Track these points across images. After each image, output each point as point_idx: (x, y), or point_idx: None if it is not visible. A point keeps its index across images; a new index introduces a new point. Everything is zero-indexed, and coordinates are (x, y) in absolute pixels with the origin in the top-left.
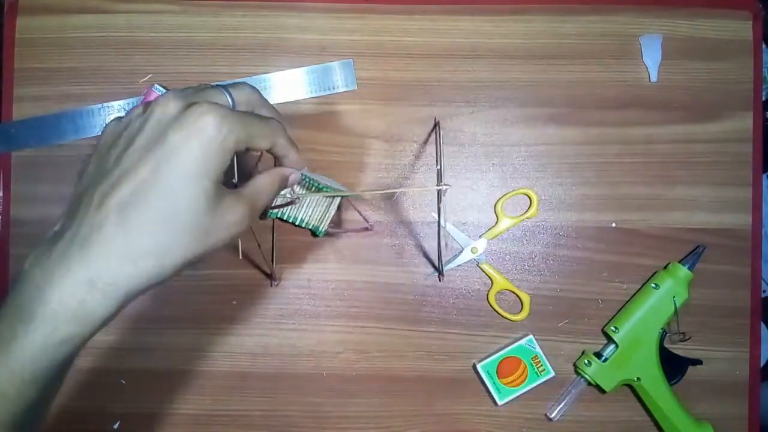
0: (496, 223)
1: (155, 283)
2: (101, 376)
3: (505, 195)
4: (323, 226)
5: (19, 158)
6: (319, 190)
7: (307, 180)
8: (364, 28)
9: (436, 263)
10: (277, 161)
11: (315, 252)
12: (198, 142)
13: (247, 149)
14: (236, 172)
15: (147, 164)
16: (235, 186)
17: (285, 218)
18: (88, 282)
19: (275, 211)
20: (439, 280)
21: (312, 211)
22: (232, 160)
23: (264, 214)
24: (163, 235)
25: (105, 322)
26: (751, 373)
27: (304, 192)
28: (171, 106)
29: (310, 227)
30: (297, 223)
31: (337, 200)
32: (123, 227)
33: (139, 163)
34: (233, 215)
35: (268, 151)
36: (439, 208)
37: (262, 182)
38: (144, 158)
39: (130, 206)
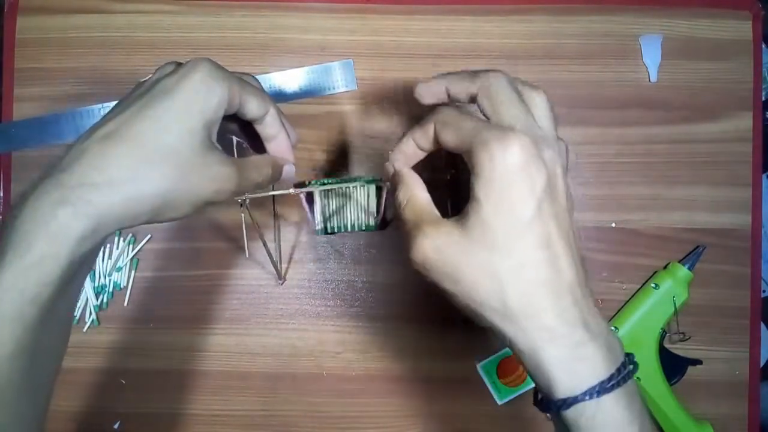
0: None
1: (134, 212)
2: (101, 376)
3: None
4: (372, 221)
5: (19, 158)
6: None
7: (325, 182)
8: (364, 28)
9: None
10: (267, 144)
11: (315, 252)
12: (189, 84)
13: (238, 116)
14: (236, 152)
15: (137, 103)
16: None
17: (336, 230)
18: (61, 198)
19: (319, 228)
20: None
21: (356, 212)
22: (233, 147)
23: (315, 232)
24: (144, 161)
25: (82, 246)
26: (751, 373)
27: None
28: (168, 67)
29: (363, 228)
30: (350, 230)
31: (372, 191)
32: (103, 153)
33: (129, 105)
34: (220, 168)
35: (259, 128)
36: (446, 201)
37: (255, 158)
38: (136, 101)
39: (113, 135)
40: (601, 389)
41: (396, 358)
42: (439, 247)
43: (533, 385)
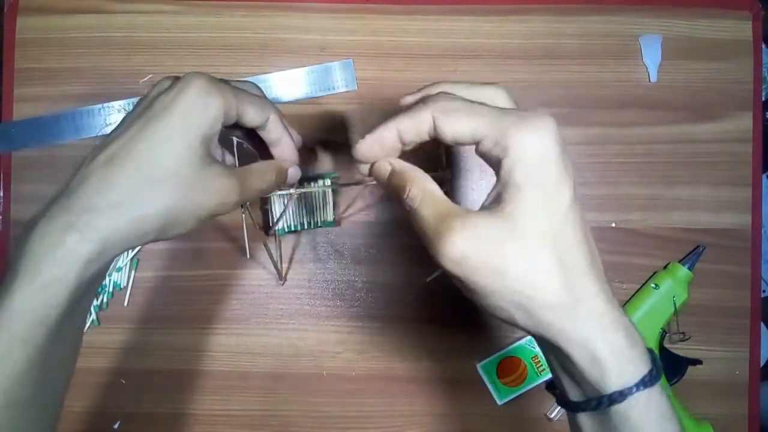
0: None
1: (139, 232)
2: (101, 376)
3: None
4: (331, 216)
5: (19, 158)
6: (309, 180)
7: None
8: (364, 28)
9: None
10: (271, 149)
11: (315, 252)
12: (184, 100)
13: (239, 125)
14: (237, 159)
15: (136, 124)
16: None
17: (294, 229)
18: (67, 224)
19: (280, 227)
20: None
21: (314, 209)
22: (234, 147)
23: (275, 232)
24: (145, 183)
25: (89, 269)
26: (751, 373)
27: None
28: (165, 82)
29: (320, 225)
30: (308, 227)
31: (329, 191)
32: (106, 178)
33: (129, 126)
34: (220, 182)
35: (262, 134)
36: (445, 192)
37: (257, 166)
38: (135, 121)
39: (114, 159)
40: (651, 379)
41: (396, 358)
42: (478, 240)
43: (533, 385)
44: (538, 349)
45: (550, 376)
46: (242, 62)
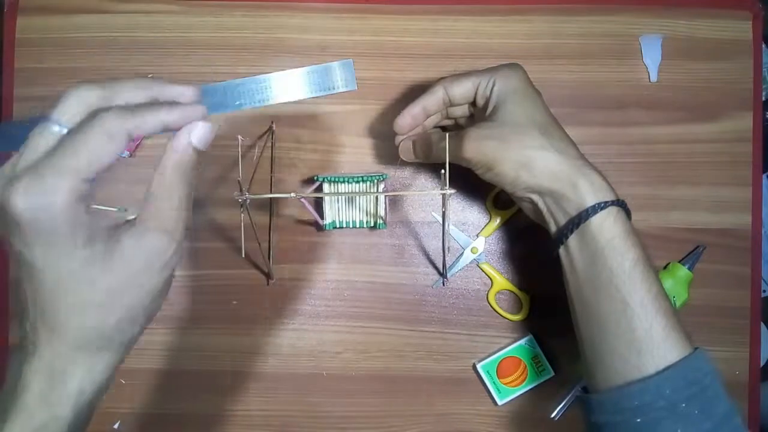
0: (490, 219)
1: (124, 342)
2: None
3: (493, 190)
4: (380, 220)
5: None
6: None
7: (334, 179)
8: (364, 28)
9: (440, 268)
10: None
11: (315, 252)
12: (15, 219)
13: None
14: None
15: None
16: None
17: (344, 226)
18: (52, 365)
19: (329, 222)
20: (443, 284)
21: (365, 209)
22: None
23: (322, 227)
24: (76, 315)
25: (82, 397)
26: (751, 373)
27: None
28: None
29: (372, 226)
30: (358, 226)
31: (381, 197)
32: (53, 317)
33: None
34: (142, 253)
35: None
36: (443, 213)
37: (160, 182)
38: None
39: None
40: (620, 202)
41: (396, 358)
42: (487, 130)
43: (533, 385)
44: (538, 349)
45: (550, 376)
46: (242, 62)
